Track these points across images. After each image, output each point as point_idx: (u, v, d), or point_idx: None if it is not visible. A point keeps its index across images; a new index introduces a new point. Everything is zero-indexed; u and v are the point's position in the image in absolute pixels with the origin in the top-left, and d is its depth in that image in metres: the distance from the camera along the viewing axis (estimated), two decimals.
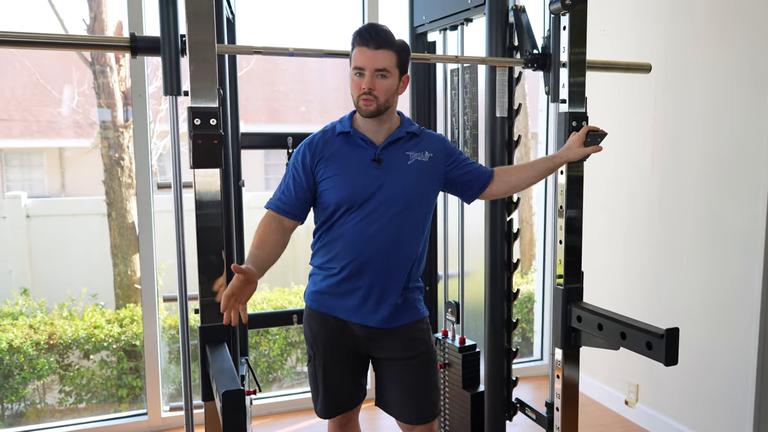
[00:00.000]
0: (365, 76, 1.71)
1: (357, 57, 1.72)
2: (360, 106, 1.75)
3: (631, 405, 3.10)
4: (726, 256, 2.58)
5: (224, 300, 1.52)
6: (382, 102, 1.74)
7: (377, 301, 1.79)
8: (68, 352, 3.57)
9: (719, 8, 2.58)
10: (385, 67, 1.71)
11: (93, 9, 3.96)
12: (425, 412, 1.84)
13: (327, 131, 1.84)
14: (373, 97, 1.72)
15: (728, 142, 2.55)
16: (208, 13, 1.64)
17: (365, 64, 1.70)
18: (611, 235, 3.16)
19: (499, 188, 1.95)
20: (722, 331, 2.60)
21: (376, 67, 1.70)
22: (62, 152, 4.84)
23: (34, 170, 4.94)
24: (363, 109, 1.74)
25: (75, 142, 4.64)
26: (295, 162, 1.82)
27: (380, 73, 1.71)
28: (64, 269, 4.30)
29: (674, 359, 1.78)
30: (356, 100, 1.76)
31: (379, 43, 1.70)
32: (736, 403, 2.56)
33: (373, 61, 1.70)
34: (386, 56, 1.71)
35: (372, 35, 1.70)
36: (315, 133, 1.87)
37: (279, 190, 1.83)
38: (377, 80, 1.71)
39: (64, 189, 4.91)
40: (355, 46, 1.74)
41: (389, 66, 1.72)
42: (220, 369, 1.49)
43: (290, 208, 1.78)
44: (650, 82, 2.88)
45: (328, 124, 1.88)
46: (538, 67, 2.25)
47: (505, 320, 2.46)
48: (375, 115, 1.76)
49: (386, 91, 1.74)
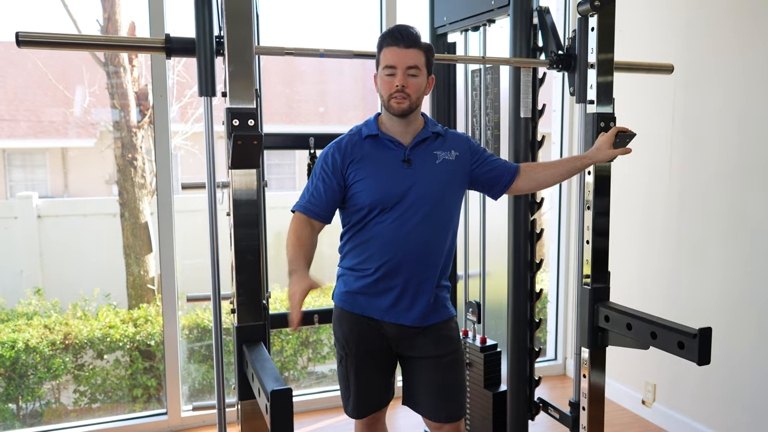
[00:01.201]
0: (397, 75, 1.73)
1: (388, 56, 1.74)
2: (392, 105, 1.76)
3: (648, 404, 3.12)
4: (747, 256, 2.59)
5: (296, 310, 1.57)
6: (414, 100, 1.76)
7: (411, 300, 1.81)
8: (84, 352, 3.58)
9: (737, 6, 2.59)
10: (416, 65, 1.74)
11: (107, 9, 3.97)
12: (454, 411, 1.86)
13: (354, 134, 1.86)
14: (406, 95, 1.74)
15: (750, 140, 2.57)
16: (248, 13, 1.65)
17: (397, 62, 1.73)
18: (628, 235, 3.17)
19: (525, 184, 1.96)
20: (742, 330, 2.61)
21: (408, 64, 1.73)
22: (65, 152, 4.83)
23: (37, 170, 4.94)
24: (395, 107, 1.76)
25: (78, 142, 4.64)
26: (324, 165, 1.82)
27: (411, 71, 1.74)
28: (76, 269, 4.30)
29: (707, 359, 1.80)
30: (387, 100, 1.77)
31: (409, 42, 1.73)
32: (756, 401, 2.57)
33: (405, 60, 1.73)
34: (417, 55, 1.74)
35: (403, 35, 1.73)
36: (342, 136, 1.88)
37: (307, 192, 1.83)
38: (409, 78, 1.74)
39: (67, 189, 4.90)
40: (384, 47, 1.76)
41: (419, 64, 1.75)
42: (264, 368, 1.50)
43: (319, 210, 1.79)
44: (668, 81, 2.89)
45: (353, 128, 1.89)
46: (562, 68, 2.26)
47: (528, 320, 2.48)
48: (406, 113, 1.77)
49: (417, 89, 1.76)
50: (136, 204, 4.09)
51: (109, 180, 4.62)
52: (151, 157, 4.11)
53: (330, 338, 4.04)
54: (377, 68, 1.81)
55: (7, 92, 4.22)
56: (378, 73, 1.80)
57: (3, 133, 4.33)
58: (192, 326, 3.74)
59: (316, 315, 2.54)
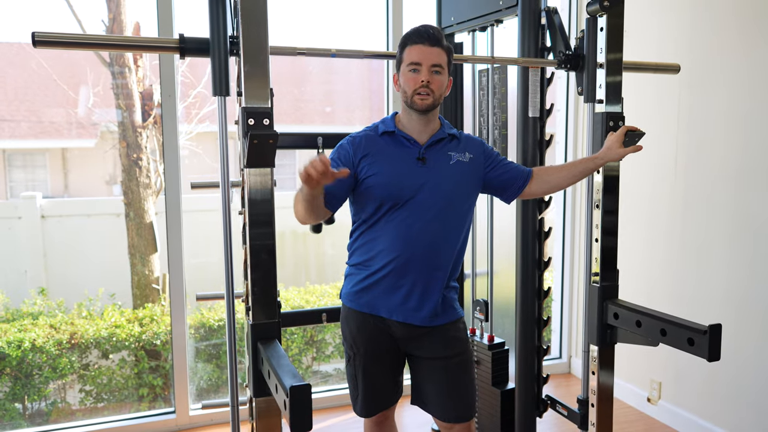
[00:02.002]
0: (422, 71, 1.76)
1: (413, 53, 1.77)
2: (415, 101, 1.79)
3: (654, 402, 3.14)
4: (754, 254, 2.61)
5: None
6: (437, 97, 1.79)
7: (420, 299, 1.82)
8: (90, 351, 3.59)
9: (742, 6, 2.61)
10: (440, 63, 1.78)
11: (111, 10, 3.98)
12: (464, 411, 1.87)
13: (370, 130, 1.88)
14: (430, 90, 1.77)
15: (754, 141, 2.59)
16: (263, 13, 1.66)
17: (422, 59, 1.76)
18: (634, 234, 3.19)
19: (539, 188, 1.98)
20: (747, 329, 2.63)
21: (433, 62, 1.76)
22: (66, 153, 4.84)
23: (37, 171, 4.94)
24: (419, 103, 1.78)
25: (79, 142, 4.64)
26: (337, 156, 1.84)
27: (435, 68, 1.77)
28: (80, 269, 4.30)
29: (717, 355, 1.81)
30: (410, 96, 1.79)
31: (434, 41, 1.77)
32: (761, 399, 2.59)
33: (430, 57, 1.76)
34: (440, 54, 1.78)
35: (428, 33, 1.78)
36: (357, 131, 1.90)
37: None
38: (433, 75, 1.77)
39: (68, 190, 4.91)
40: (408, 45, 1.80)
41: (443, 63, 1.79)
42: (280, 365, 1.52)
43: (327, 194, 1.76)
44: (673, 81, 2.91)
45: (371, 125, 1.91)
46: (571, 67, 2.28)
47: (536, 318, 2.49)
48: (429, 110, 1.80)
49: (440, 86, 1.80)
50: (141, 204, 4.09)
51: (110, 180, 4.63)
52: (156, 157, 4.12)
53: (334, 338, 4.05)
54: (398, 67, 1.83)
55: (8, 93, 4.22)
56: (401, 70, 1.82)
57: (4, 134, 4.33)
58: (197, 326, 3.75)
59: (324, 314, 2.54)
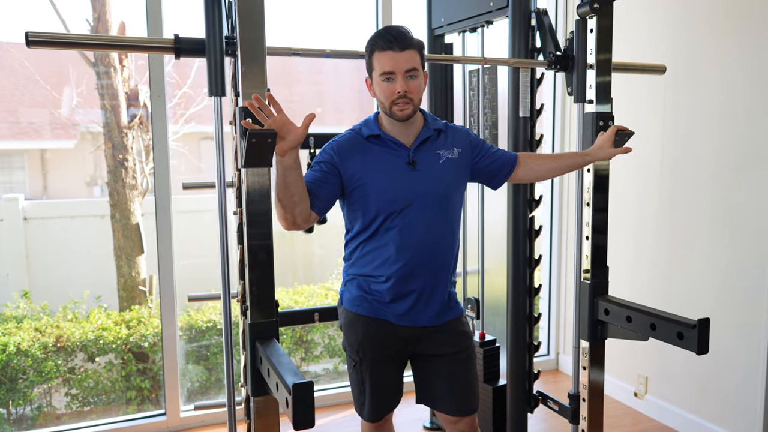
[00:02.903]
0: (397, 80, 1.68)
1: (383, 62, 1.68)
2: (394, 112, 1.72)
3: (641, 397, 3.19)
4: (735, 249, 2.68)
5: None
6: (417, 103, 1.73)
7: (427, 302, 1.81)
8: (76, 354, 3.55)
9: (728, 7, 2.67)
10: (414, 67, 1.69)
11: (96, 9, 3.94)
12: (472, 403, 1.89)
13: (353, 133, 1.82)
14: (409, 99, 1.70)
15: (740, 140, 2.65)
16: (260, 13, 1.67)
17: (395, 67, 1.67)
18: (621, 231, 3.24)
19: (525, 174, 1.96)
20: (729, 322, 2.69)
21: (406, 68, 1.68)
22: (44, 154, 4.78)
23: (15, 172, 4.87)
24: (399, 114, 1.71)
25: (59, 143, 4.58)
26: (321, 159, 1.79)
27: (410, 73, 1.69)
28: (64, 272, 4.25)
29: (705, 348, 1.86)
30: (389, 106, 1.72)
31: (404, 44, 1.68)
32: (746, 392, 2.65)
33: (403, 64, 1.68)
34: (413, 56, 1.69)
35: (396, 37, 1.68)
36: (341, 134, 1.85)
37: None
38: (409, 82, 1.69)
39: (47, 191, 4.85)
40: (375, 51, 1.70)
41: (417, 65, 1.70)
42: (281, 363, 1.52)
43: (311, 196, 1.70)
44: (659, 81, 2.97)
45: (353, 126, 1.86)
46: (561, 68, 2.32)
47: (527, 315, 2.53)
48: (410, 117, 1.74)
49: (418, 90, 1.72)
50: (127, 205, 4.06)
51: (90, 182, 4.58)
52: (142, 158, 4.09)
53: (323, 338, 4.05)
54: (370, 73, 1.76)
55: None
56: (373, 78, 1.74)
57: None
58: (185, 327, 3.73)
59: (317, 313, 2.55)
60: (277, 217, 1.70)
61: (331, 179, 1.75)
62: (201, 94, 4.13)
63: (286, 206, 1.64)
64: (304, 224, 1.70)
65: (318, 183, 1.73)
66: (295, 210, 1.65)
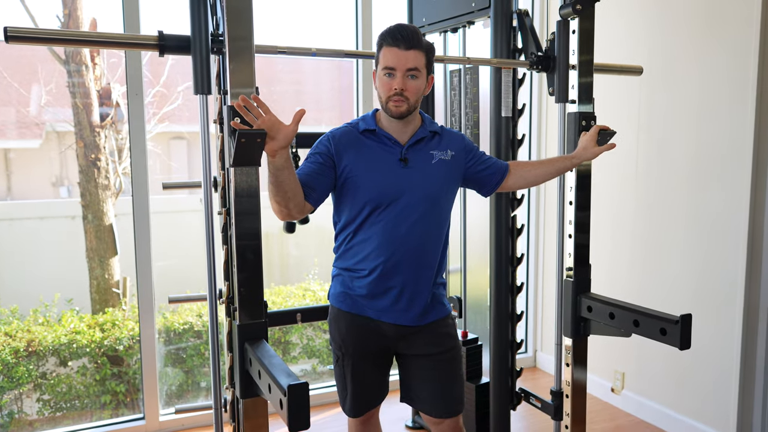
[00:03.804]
0: (396, 77, 1.71)
1: (387, 57, 1.72)
2: (390, 107, 1.75)
3: (617, 392, 3.25)
4: (711, 249, 2.74)
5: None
6: (412, 102, 1.75)
7: (409, 300, 1.82)
8: (49, 359, 3.46)
9: (702, 11, 2.74)
10: (416, 67, 1.71)
11: (67, 5, 3.84)
12: (455, 405, 1.89)
13: (350, 126, 1.84)
14: (404, 98, 1.72)
15: (713, 140, 2.72)
16: (248, 10, 1.65)
17: (396, 64, 1.70)
18: (598, 232, 3.29)
19: (515, 182, 2.00)
20: (707, 316, 2.76)
21: (408, 66, 1.70)
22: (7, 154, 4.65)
23: None
24: (393, 110, 1.74)
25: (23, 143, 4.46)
26: (317, 150, 1.80)
27: (411, 73, 1.71)
28: (34, 274, 4.13)
29: (688, 343, 1.90)
30: (385, 101, 1.75)
31: (410, 43, 1.70)
32: (720, 384, 2.73)
33: (405, 62, 1.70)
34: (417, 56, 1.71)
35: (403, 35, 1.70)
36: (338, 127, 1.86)
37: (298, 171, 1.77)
38: (408, 81, 1.72)
39: (11, 192, 4.71)
40: (383, 46, 1.73)
41: (420, 66, 1.72)
42: (272, 365, 1.51)
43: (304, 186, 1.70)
44: (635, 81, 3.03)
45: (351, 121, 1.88)
46: (542, 68, 2.34)
47: (510, 313, 2.55)
48: (405, 116, 1.76)
49: (416, 91, 1.74)
50: (100, 206, 3.97)
51: (56, 182, 4.47)
52: (115, 158, 4.01)
53: (302, 338, 4.03)
54: (376, 66, 1.79)
55: None
56: (377, 71, 1.78)
57: None
58: (161, 330, 3.67)
59: (299, 314, 2.53)
60: (272, 207, 1.71)
61: (327, 171, 1.76)
62: (175, 92, 4.06)
63: (279, 202, 1.65)
64: (299, 215, 1.71)
65: (314, 175, 1.74)
66: (289, 204, 1.65)
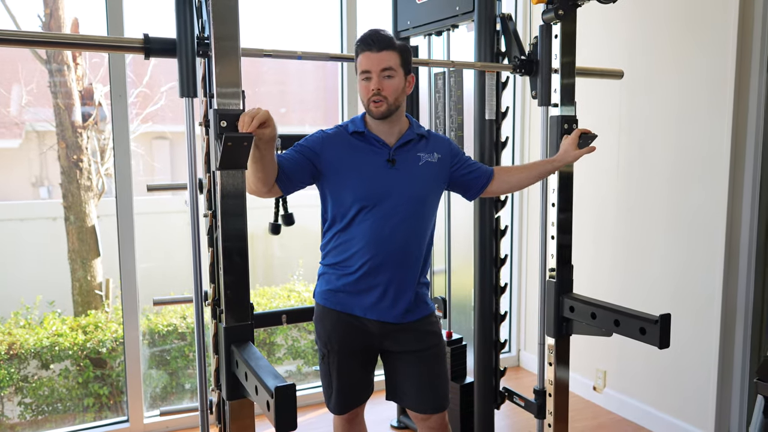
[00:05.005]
0: (372, 79, 1.78)
1: (362, 62, 1.80)
2: (371, 109, 1.81)
3: (599, 390, 3.30)
4: (689, 249, 2.80)
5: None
6: (391, 101, 1.81)
7: (394, 297, 1.86)
8: (31, 362, 3.42)
9: (682, 17, 2.79)
10: (390, 66, 1.78)
11: (48, 5, 3.80)
12: (440, 401, 1.93)
13: (341, 128, 1.90)
14: (383, 97, 1.79)
15: (692, 143, 2.77)
16: (235, 13, 1.65)
17: (371, 66, 1.78)
18: (580, 233, 3.33)
19: (499, 187, 2.06)
20: (686, 316, 2.82)
21: (382, 67, 1.77)
22: None
23: None
24: (374, 111, 1.81)
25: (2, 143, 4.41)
26: (307, 143, 1.84)
27: (386, 73, 1.78)
28: (14, 276, 4.09)
29: (667, 342, 1.94)
30: (366, 104, 1.83)
31: (381, 45, 1.78)
32: (700, 382, 2.78)
33: (378, 63, 1.77)
34: (390, 56, 1.79)
35: (374, 39, 1.78)
36: (329, 128, 1.92)
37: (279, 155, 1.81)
38: (384, 81, 1.78)
39: None
40: (359, 53, 1.81)
41: (394, 65, 1.79)
42: (259, 366, 1.52)
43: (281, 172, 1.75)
44: (616, 86, 3.08)
45: (342, 122, 1.94)
46: (525, 72, 2.38)
47: (494, 313, 2.58)
48: (386, 116, 1.82)
49: (394, 90, 1.80)
50: (82, 207, 3.93)
51: (36, 182, 4.42)
52: (97, 159, 3.98)
53: (287, 339, 4.04)
54: (357, 74, 1.85)
55: None
56: (357, 79, 1.85)
57: None
58: (144, 332, 3.65)
59: (284, 315, 2.55)
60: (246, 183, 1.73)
61: (306, 165, 1.81)
62: (158, 92, 4.04)
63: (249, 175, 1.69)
64: (266, 194, 1.76)
65: (293, 162, 1.79)
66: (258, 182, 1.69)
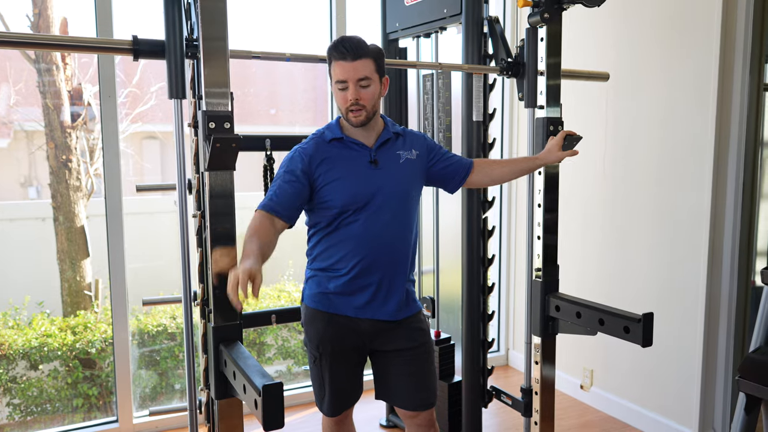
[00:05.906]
0: (349, 89, 1.78)
1: (337, 71, 1.78)
2: (350, 118, 1.81)
3: (586, 389, 3.33)
4: (673, 248, 2.84)
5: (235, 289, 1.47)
6: (369, 109, 1.82)
7: (385, 296, 1.88)
8: (19, 362, 3.42)
9: (667, 20, 2.83)
10: (366, 76, 1.78)
11: (37, 5, 3.80)
12: (429, 398, 1.95)
13: (317, 137, 1.89)
14: (361, 106, 1.79)
15: (676, 144, 2.81)
16: (223, 15, 1.67)
17: (346, 76, 1.77)
18: (567, 233, 3.37)
19: (480, 179, 2.07)
20: (671, 315, 2.85)
21: (358, 77, 1.77)
22: None
23: None
24: (354, 120, 1.81)
25: None
26: (292, 167, 1.83)
27: (362, 83, 1.78)
28: (3, 277, 4.08)
29: (650, 341, 1.97)
30: (345, 113, 1.82)
31: (355, 54, 1.76)
32: (684, 380, 2.82)
33: (354, 73, 1.76)
34: (365, 65, 1.77)
35: (348, 48, 1.76)
36: (305, 141, 1.90)
37: (272, 191, 1.82)
38: (361, 90, 1.78)
39: None
40: (332, 61, 1.79)
41: (369, 73, 1.79)
42: (247, 366, 1.53)
43: (283, 210, 1.78)
44: (602, 88, 3.11)
45: (316, 131, 1.92)
46: (512, 74, 2.40)
47: (481, 313, 2.61)
48: (366, 123, 1.83)
49: (371, 98, 1.81)
50: (71, 207, 3.93)
51: (25, 182, 4.41)
52: (86, 159, 3.97)
53: (277, 339, 4.04)
54: (330, 80, 1.85)
55: None
56: (332, 84, 1.84)
57: None
58: (134, 332, 3.65)
59: (274, 315, 2.54)
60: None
61: (301, 189, 1.81)
62: (148, 93, 4.04)
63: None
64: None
65: (289, 195, 1.79)
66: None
